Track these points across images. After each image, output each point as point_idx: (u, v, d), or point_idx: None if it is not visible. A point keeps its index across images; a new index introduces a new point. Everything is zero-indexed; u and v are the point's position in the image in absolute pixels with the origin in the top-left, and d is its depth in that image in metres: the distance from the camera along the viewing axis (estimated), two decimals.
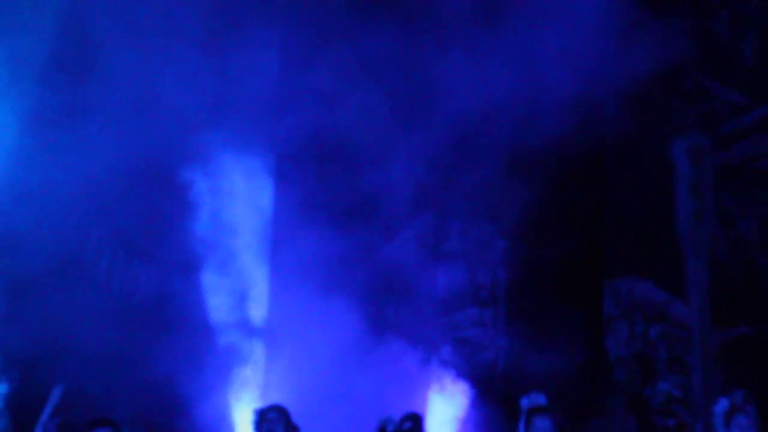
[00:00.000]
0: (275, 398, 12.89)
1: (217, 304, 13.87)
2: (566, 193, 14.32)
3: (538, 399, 7.98)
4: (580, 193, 14.62)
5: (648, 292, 15.31)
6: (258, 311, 14.19)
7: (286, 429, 8.93)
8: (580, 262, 14.70)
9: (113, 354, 13.12)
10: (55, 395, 9.08)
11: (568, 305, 14.40)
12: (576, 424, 9.02)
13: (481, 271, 14.66)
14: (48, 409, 8.86)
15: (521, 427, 7.79)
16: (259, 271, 14.23)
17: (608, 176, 15.09)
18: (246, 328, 14.01)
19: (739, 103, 14.74)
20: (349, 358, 13.14)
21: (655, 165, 11.70)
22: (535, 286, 14.45)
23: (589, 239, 14.80)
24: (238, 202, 14.11)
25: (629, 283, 15.37)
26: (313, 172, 14.13)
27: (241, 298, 14.00)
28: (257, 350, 13.97)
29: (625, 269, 15.23)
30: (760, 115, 14.80)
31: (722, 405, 7.68)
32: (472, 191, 14.68)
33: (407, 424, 8.18)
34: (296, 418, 12.42)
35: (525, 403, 7.91)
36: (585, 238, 14.73)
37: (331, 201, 13.92)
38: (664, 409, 14.78)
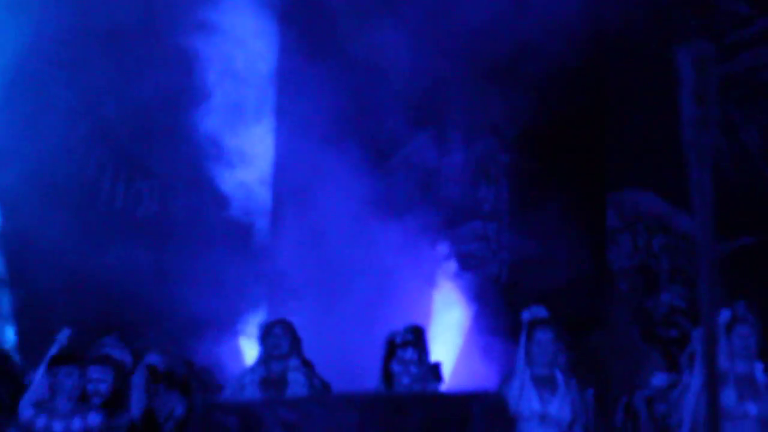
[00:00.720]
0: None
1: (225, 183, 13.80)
2: (569, 105, 14.27)
3: (539, 311, 8.00)
4: (582, 105, 14.58)
5: (651, 203, 15.33)
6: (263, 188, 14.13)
7: (291, 343, 8.96)
8: (582, 174, 14.69)
9: (117, 270, 13.16)
10: (63, 337, 9.12)
11: (571, 218, 14.41)
12: (578, 337, 9.07)
13: (483, 185, 14.65)
14: (53, 350, 8.91)
15: (522, 339, 7.81)
16: (264, 128, 14.13)
17: (610, 87, 15.05)
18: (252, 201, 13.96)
19: (743, 14, 14.65)
20: (356, 235, 13.12)
21: (657, 74, 11.60)
22: (537, 200, 14.45)
23: (592, 151, 14.78)
24: (242, 56, 13.97)
25: (632, 195, 15.38)
26: (321, 25, 13.93)
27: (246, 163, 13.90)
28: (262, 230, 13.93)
29: (627, 181, 15.23)
30: (763, 26, 14.72)
31: (724, 316, 7.71)
32: (475, 105, 14.63)
33: (409, 337, 8.21)
34: (302, 298, 12.52)
35: (526, 316, 7.92)
36: (588, 150, 14.71)
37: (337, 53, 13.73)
38: (667, 320, 14.86)
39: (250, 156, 14.03)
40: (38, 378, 8.86)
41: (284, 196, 14.07)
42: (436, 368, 9.13)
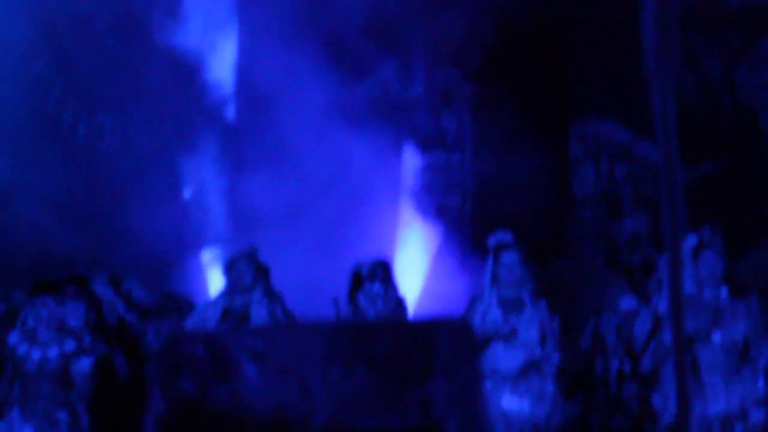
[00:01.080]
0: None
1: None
2: (531, 35, 14.25)
3: (505, 236, 8.02)
4: (545, 36, 14.56)
5: (613, 131, 15.38)
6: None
7: (254, 276, 8.98)
8: (545, 103, 14.71)
9: (80, 204, 13.13)
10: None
11: (534, 147, 14.45)
12: (543, 264, 9.11)
13: (446, 115, 14.65)
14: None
15: (489, 263, 7.83)
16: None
17: (572, 16, 15.02)
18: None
19: None
20: (321, 152, 13.07)
21: (619, 3, 11.60)
22: (500, 129, 14.48)
23: (554, 80, 14.79)
24: None
25: (594, 124, 15.42)
26: None
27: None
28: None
29: (590, 110, 15.26)
30: None
31: (690, 241, 7.74)
32: (437, 35, 14.58)
33: (377, 270, 8.24)
34: (267, 221, 12.51)
35: (492, 241, 7.95)
36: (550, 80, 14.72)
37: None
38: (630, 246, 14.96)
39: (213, 79, 13.95)
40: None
41: (247, 111, 13.97)
42: (401, 302, 9.18)
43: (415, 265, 13.55)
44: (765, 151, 15.64)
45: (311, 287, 10.36)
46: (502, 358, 7.58)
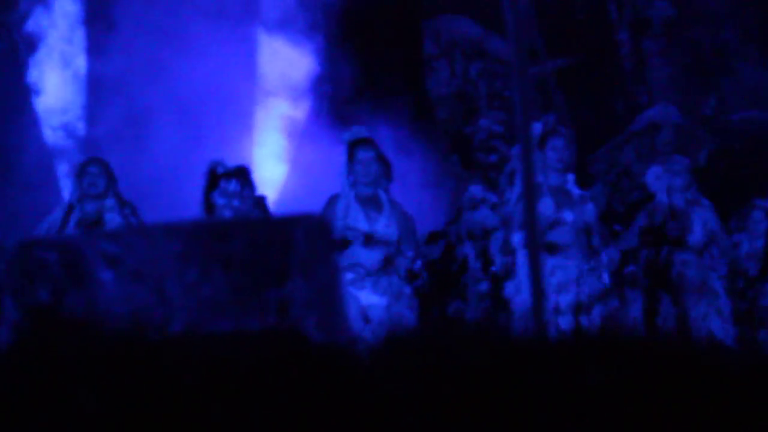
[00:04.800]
0: None
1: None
2: None
3: (360, 132, 7.98)
4: None
5: (466, 28, 15.42)
6: None
7: (107, 182, 8.72)
8: (397, 2, 14.67)
9: None
10: None
11: (388, 47, 14.42)
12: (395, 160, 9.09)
13: (301, 16, 14.50)
14: None
15: (344, 160, 7.79)
16: None
17: None
18: None
19: None
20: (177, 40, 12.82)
21: None
22: (354, 31, 14.38)
23: None
24: None
25: (447, 21, 15.44)
26: None
27: None
28: None
29: (443, 7, 15.27)
30: None
31: (536, 129, 7.80)
32: None
33: (232, 167, 8.10)
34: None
35: (347, 136, 7.90)
36: None
37: None
38: (486, 145, 15.09)
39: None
40: None
41: None
42: (261, 201, 9.11)
43: (276, 156, 13.50)
44: (616, 44, 15.85)
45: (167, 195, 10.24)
46: (363, 255, 7.59)
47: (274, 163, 13.47)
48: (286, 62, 13.91)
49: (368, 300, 7.60)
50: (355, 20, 14.17)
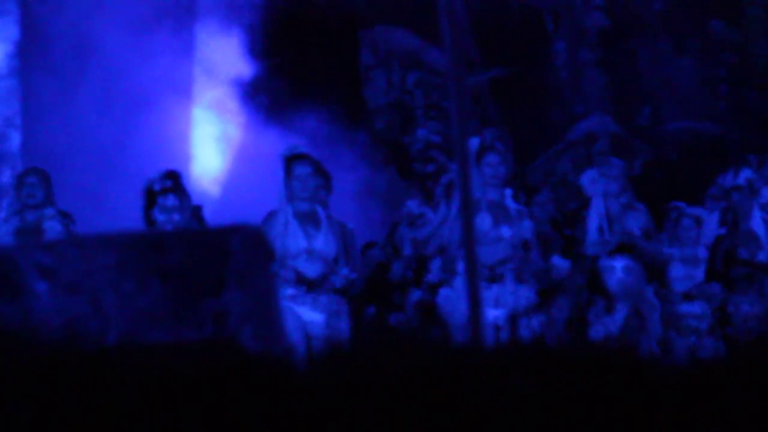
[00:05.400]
0: None
1: None
2: None
3: (297, 147, 8.00)
4: None
5: (403, 39, 15.47)
6: None
7: (46, 192, 8.75)
8: (335, 13, 14.67)
9: None
10: None
11: (325, 57, 14.44)
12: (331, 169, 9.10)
13: (237, 27, 14.47)
14: None
15: (282, 176, 7.80)
16: None
17: None
18: None
19: None
20: None
21: None
22: (291, 41, 14.37)
23: None
24: None
25: (384, 32, 15.48)
26: None
27: None
28: None
29: (380, 18, 15.31)
30: None
31: (473, 144, 7.85)
32: None
33: (168, 183, 8.10)
34: None
35: (284, 153, 7.91)
36: None
37: None
38: (423, 155, 15.14)
39: None
40: None
41: None
42: (197, 211, 9.10)
43: (212, 141, 13.46)
44: (552, 55, 15.98)
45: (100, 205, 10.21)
46: (303, 271, 7.61)
47: (209, 179, 13.41)
48: (221, 73, 13.86)
49: (308, 317, 7.63)
50: (292, 30, 14.17)
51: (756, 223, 9.49)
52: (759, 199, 9.88)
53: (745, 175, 9.97)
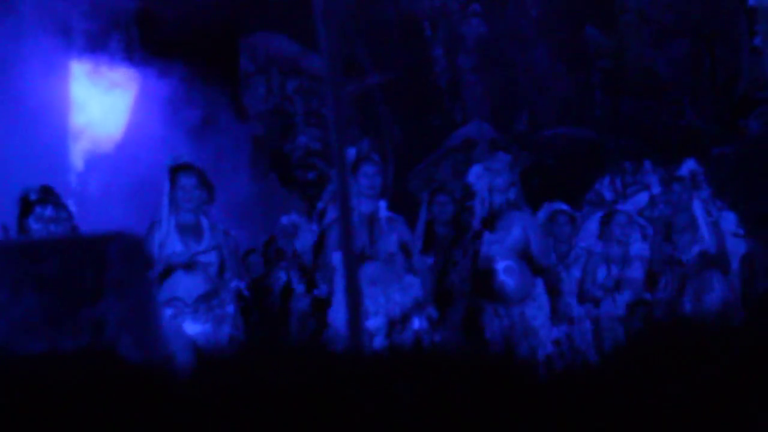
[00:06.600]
0: None
1: None
2: None
3: (181, 157, 7.95)
4: None
5: (282, 45, 15.46)
6: None
7: None
8: (215, 20, 14.63)
9: None
10: None
11: (207, 63, 14.37)
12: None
13: (113, 31, 14.34)
14: None
15: (166, 187, 7.73)
16: None
17: None
18: None
19: None
20: None
21: None
22: (168, 47, 14.27)
23: None
24: None
25: (264, 38, 15.46)
26: None
27: None
28: None
29: (259, 24, 15.29)
30: None
31: (350, 154, 7.82)
32: None
33: (46, 194, 8.02)
34: None
35: (168, 163, 7.85)
36: None
37: None
38: (305, 162, 15.15)
39: None
40: None
41: None
42: (75, 226, 9.00)
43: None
44: (430, 61, 16.08)
45: None
46: (183, 285, 7.55)
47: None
48: (101, 82, 13.75)
49: (192, 330, 7.58)
50: (173, 36, 14.09)
51: (700, 214, 9.50)
52: (700, 192, 9.91)
53: (689, 166, 10.00)
